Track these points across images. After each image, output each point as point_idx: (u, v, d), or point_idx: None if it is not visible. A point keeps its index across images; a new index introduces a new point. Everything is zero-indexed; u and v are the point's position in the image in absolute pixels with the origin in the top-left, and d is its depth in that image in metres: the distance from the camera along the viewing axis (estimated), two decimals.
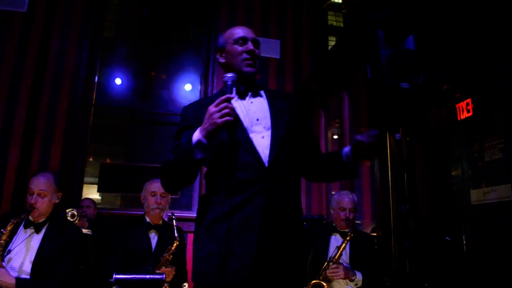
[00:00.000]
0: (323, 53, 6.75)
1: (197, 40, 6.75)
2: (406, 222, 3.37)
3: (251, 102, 1.85)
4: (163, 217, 3.28)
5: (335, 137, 5.88)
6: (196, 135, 1.62)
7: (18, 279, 2.62)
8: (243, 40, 1.87)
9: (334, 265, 3.09)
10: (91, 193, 8.26)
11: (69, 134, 5.25)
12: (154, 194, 3.15)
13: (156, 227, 3.15)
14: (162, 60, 7.12)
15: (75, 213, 3.62)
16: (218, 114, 1.57)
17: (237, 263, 1.57)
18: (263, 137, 1.75)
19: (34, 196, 2.79)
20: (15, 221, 2.68)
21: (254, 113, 1.81)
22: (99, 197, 9.88)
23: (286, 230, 1.68)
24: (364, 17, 3.95)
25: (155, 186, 3.18)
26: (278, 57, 5.93)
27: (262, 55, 5.94)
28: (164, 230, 3.17)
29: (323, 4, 6.83)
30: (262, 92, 1.90)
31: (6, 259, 2.69)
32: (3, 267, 2.63)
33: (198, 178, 5.69)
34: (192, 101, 2.01)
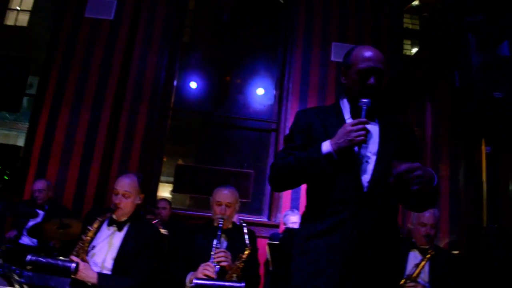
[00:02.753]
0: (400, 58, 6.50)
1: (271, 44, 6.75)
2: (494, 241, 3.13)
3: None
4: (234, 220, 3.23)
5: None
6: (327, 147, 1.70)
7: (100, 274, 2.72)
8: (366, 73, 1.82)
9: (412, 284, 2.91)
10: (163, 191, 8.55)
11: (148, 136, 5.48)
12: (219, 203, 3.05)
13: (225, 232, 3.05)
14: (237, 65, 7.20)
15: None
16: (355, 134, 1.66)
17: (323, 283, 1.65)
18: (367, 161, 1.77)
19: (119, 196, 2.88)
20: (101, 220, 2.79)
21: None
22: (170, 196, 10.19)
23: (376, 257, 1.69)
24: (452, 21, 3.74)
25: (221, 195, 3.08)
26: None
27: (339, 60, 5.90)
28: (234, 234, 3.11)
29: (403, 7, 6.59)
30: (376, 118, 1.89)
31: (90, 254, 2.81)
32: (87, 261, 2.74)
33: None
34: (306, 108, 2.15)
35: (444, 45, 3.92)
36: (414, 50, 14.64)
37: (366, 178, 1.73)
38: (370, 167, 1.76)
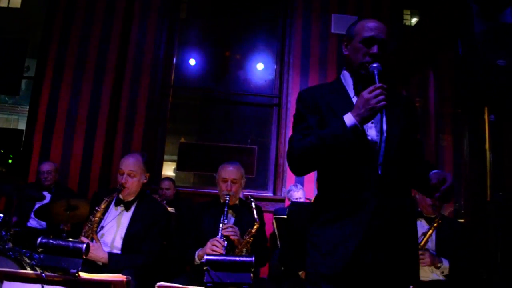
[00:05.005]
0: (401, 28, 6.42)
1: (271, 18, 6.66)
2: (499, 210, 3.15)
3: None
4: (240, 196, 3.25)
5: None
6: (350, 120, 1.66)
7: (110, 253, 2.76)
8: (370, 41, 1.79)
9: (420, 252, 2.95)
10: (166, 169, 8.58)
11: (150, 115, 5.48)
12: (225, 180, 3.06)
13: (232, 208, 3.09)
14: (236, 40, 7.12)
15: None
16: (375, 100, 1.62)
17: (338, 258, 1.66)
18: (375, 141, 1.74)
19: (125, 176, 2.90)
20: (108, 200, 2.81)
21: None
22: (173, 174, 10.23)
23: (395, 237, 1.69)
24: None
25: (227, 172, 3.09)
26: None
27: (340, 32, 5.82)
28: (241, 210, 3.14)
29: None
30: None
31: (99, 234, 2.84)
32: (98, 241, 2.78)
33: (273, 158, 5.69)
34: (309, 87, 2.02)
35: (445, 14, 3.86)
36: (414, 20, 14.45)
37: (379, 159, 1.72)
38: (381, 148, 1.73)
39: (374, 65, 1.73)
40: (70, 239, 2.74)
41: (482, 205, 3.14)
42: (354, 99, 1.81)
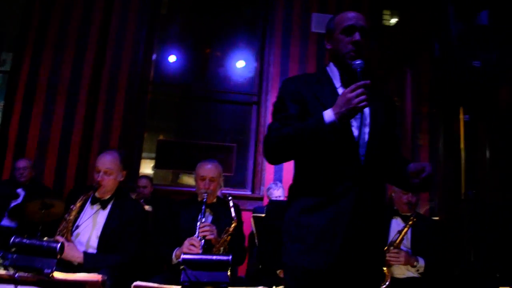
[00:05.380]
0: (380, 28, 6.47)
1: (251, 16, 6.65)
2: (472, 208, 3.22)
3: None
4: (218, 194, 3.25)
5: None
6: (329, 117, 1.63)
7: (85, 253, 2.72)
8: (350, 30, 1.78)
9: (395, 250, 2.99)
10: (144, 167, 8.49)
11: (128, 112, 5.41)
12: (203, 178, 3.04)
13: (209, 206, 3.06)
14: (216, 37, 7.09)
15: None
16: (356, 100, 1.59)
17: (324, 253, 1.64)
18: (359, 133, 1.73)
19: (101, 174, 2.85)
20: (84, 198, 2.77)
21: None
22: (152, 172, 10.14)
23: (372, 230, 1.71)
24: None
25: (205, 170, 3.07)
26: None
27: (320, 31, 5.85)
28: (219, 208, 3.12)
29: None
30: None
31: (74, 234, 2.80)
32: (71, 241, 2.73)
33: (252, 156, 5.69)
34: (293, 76, 1.99)
35: (424, 15, 3.92)
36: (394, 20, 14.61)
37: (361, 151, 1.72)
38: (363, 139, 1.73)
39: (357, 62, 1.71)
40: (45, 238, 2.70)
41: (456, 203, 3.20)
42: (340, 90, 1.80)
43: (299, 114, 1.76)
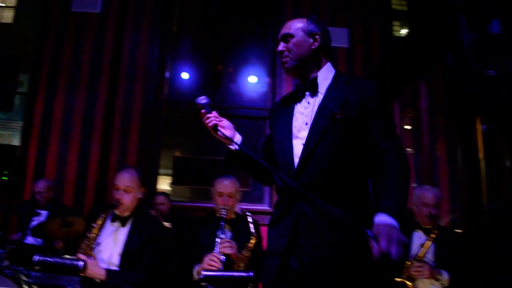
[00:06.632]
0: (390, 40, 6.49)
1: (262, 31, 6.72)
2: (495, 219, 3.17)
3: (308, 103, 1.77)
4: (236, 210, 3.25)
5: (408, 127, 5.66)
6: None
7: (107, 270, 2.74)
8: (278, 43, 1.84)
9: (419, 264, 2.96)
10: (161, 183, 8.55)
11: (144, 129, 5.46)
12: (221, 194, 3.07)
13: (228, 222, 3.07)
14: (228, 53, 7.17)
15: None
16: (206, 122, 1.89)
17: (269, 268, 1.66)
18: (303, 143, 1.69)
19: (120, 192, 2.89)
20: (104, 216, 2.80)
21: (305, 116, 1.74)
22: (169, 188, 10.18)
23: (324, 248, 1.56)
24: (442, 1, 3.74)
25: (222, 186, 3.10)
26: (346, 46, 5.77)
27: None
28: (238, 224, 3.13)
29: None
30: (324, 89, 1.75)
31: (95, 251, 2.82)
32: (94, 258, 2.76)
33: None
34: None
35: (434, 25, 3.92)
36: (403, 31, 14.63)
37: (295, 162, 1.66)
38: (299, 149, 1.68)
39: (200, 99, 1.92)
40: (67, 256, 2.73)
41: (478, 215, 3.16)
42: (296, 106, 1.81)
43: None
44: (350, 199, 1.60)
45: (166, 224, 3.63)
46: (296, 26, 1.80)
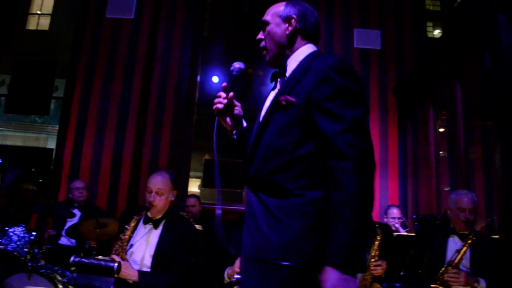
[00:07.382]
0: (424, 40, 6.37)
1: None
2: None
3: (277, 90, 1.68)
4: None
5: (441, 130, 5.53)
6: None
7: (140, 271, 2.77)
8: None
9: (454, 270, 2.86)
10: (191, 186, 8.63)
11: (175, 132, 5.54)
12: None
13: None
14: (258, 56, 7.19)
15: None
16: (215, 104, 1.69)
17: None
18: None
19: (153, 194, 2.91)
20: (137, 218, 2.84)
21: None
22: (198, 190, 10.27)
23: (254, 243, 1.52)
24: (481, 2, 3.63)
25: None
26: (379, 48, 5.69)
27: (362, 47, 5.81)
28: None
29: None
30: (286, 79, 1.60)
31: (128, 253, 2.86)
32: (127, 260, 2.79)
33: None
34: None
35: (471, 26, 3.81)
36: (437, 32, 14.34)
37: (249, 157, 1.59)
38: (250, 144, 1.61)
39: (234, 65, 1.73)
40: (101, 257, 2.78)
41: None
42: (269, 94, 1.71)
43: None
44: (291, 192, 1.43)
45: (197, 226, 3.65)
46: (273, 11, 1.70)
